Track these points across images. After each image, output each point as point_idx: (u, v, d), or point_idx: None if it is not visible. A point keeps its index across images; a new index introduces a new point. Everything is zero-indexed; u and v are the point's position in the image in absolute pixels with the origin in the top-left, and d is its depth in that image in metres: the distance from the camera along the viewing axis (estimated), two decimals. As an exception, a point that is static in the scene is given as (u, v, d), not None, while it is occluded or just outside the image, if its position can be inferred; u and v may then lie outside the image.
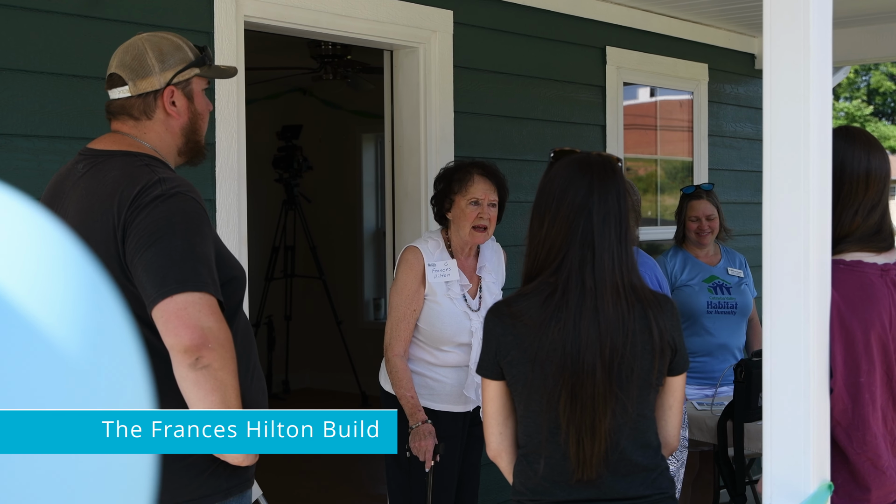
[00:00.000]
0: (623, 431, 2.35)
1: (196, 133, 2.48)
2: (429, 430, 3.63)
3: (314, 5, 4.15)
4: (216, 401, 2.12)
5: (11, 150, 3.29)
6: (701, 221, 4.87)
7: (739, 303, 4.88)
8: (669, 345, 2.38)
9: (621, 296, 2.34)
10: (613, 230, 2.36)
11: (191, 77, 2.43)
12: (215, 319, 2.14)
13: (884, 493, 2.35)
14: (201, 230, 2.23)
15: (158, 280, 2.12)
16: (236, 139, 3.87)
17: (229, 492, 2.33)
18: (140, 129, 2.40)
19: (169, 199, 2.21)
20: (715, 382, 4.73)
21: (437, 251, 3.75)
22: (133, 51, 2.40)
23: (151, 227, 2.17)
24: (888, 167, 2.43)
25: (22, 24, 3.32)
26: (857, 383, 2.29)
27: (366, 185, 9.35)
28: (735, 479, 4.05)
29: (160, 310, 2.11)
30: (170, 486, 2.26)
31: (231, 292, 2.35)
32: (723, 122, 6.66)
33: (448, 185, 3.74)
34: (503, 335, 2.38)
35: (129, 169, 2.29)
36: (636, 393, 2.34)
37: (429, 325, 3.72)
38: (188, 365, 2.10)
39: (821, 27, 1.99)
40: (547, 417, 2.35)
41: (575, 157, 2.47)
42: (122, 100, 2.40)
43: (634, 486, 2.38)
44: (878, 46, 6.64)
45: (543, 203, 2.41)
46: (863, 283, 2.32)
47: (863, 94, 35.56)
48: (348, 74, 7.51)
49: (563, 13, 5.32)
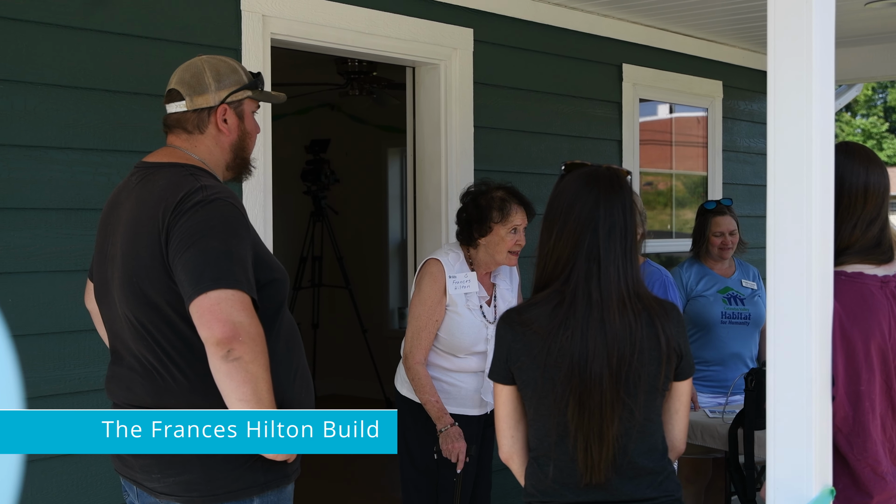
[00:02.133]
0: (630, 436, 2.35)
1: (244, 150, 2.57)
2: (458, 433, 3.65)
3: (339, 23, 4.17)
4: (247, 392, 2.17)
5: (46, 161, 3.33)
6: (725, 237, 4.87)
7: (752, 314, 4.87)
8: (676, 351, 2.38)
9: (627, 306, 2.34)
10: (619, 243, 2.36)
11: (243, 98, 2.53)
12: (247, 315, 2.20)
13: (884, 498, 2.33)
14: (238, 233, 2.29)
15: (195, 278, 2.20)
16: (263, 153, 3.90)
17: (266, 486, 2.37)
18: (192, 142, 2.50)
19: (209, 205, 2.29)
20: (727, 391, 4.71)
21: (457, 263, 3.77)
22: (192, 69, 2.50)
23: (192, 230, 2.25)
24: (887, 182, 2.42)
25: (58, 41, 3.36)
26: (857, 391, 2.28)
27: (391, 198, 9.37)
28: (746, 486, 4.03)
29: (196, 305, 2.19)
30: (208, 478, 2.31)
31: (272, 293, 2.41)
32: (737, 138, 6.64)
33: (487, 212, 3.72)
34: (513, 342, 2.39)
35: (175, 178, 2.37)
36: (643, 399, 2.34)
37: (448, 334, 3.74)
38: (220, 357, 2.16)
39: (823, 48, 1.98)
40: (556, 422, 2.36)
41: (584, 170, 2.47)
42: (179, 114, 2.50)
43: (641, 488, 2.37)
44: (891, 64, 6.61)
45: (552, 215, 2.42)
46: (863, 294, 2.31)
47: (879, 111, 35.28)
48: (374, 90, 7.53)
49: (580, 31, 5.32)
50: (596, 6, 5.26)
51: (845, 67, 6.48)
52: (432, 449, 3.71)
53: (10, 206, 3.27)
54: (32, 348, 2.90)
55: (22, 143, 3.29)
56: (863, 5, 5.35)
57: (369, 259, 9.42)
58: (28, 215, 3.30)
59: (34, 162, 3.31)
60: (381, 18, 4.33)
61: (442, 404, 3.69)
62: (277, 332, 2.41)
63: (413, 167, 4.85)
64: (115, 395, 2.47)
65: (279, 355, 2.38)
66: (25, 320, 2.70)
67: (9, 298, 3.12)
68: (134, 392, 2.39)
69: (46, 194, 3.30)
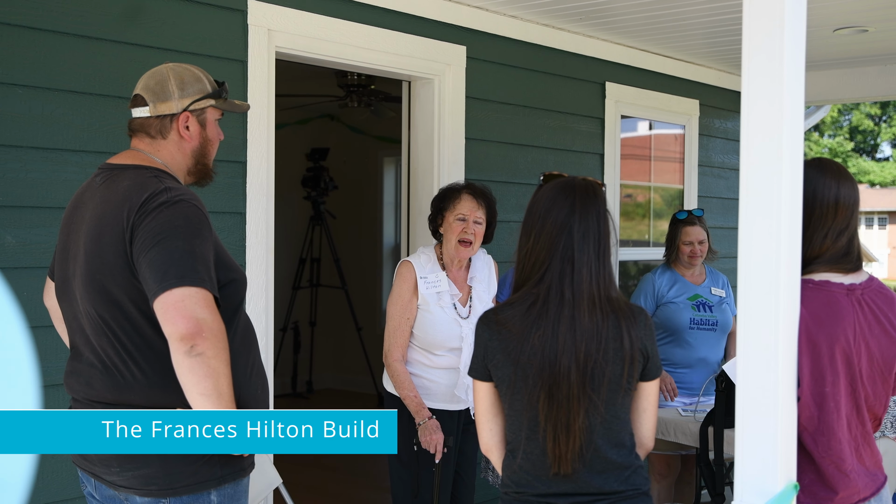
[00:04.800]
0: (596, 430, 2.35)
1: (205, 157, 2.52)
2: (436, 425, 3.66)
3: (340, 38, 4.18)
4: (209, 386, 2.13)
5: (62, 163, 3.33)
6: (694, 245, 4.86)
7: (720, 320, 4.87)
8: (641, 352, 2.38)
9: (597, 306, 2.35)
10: (592, 247, 2.38)
11: (206, 107, 2.48)
12: (210, 312, 2.17)
13: (848, 494, 2.34)
14: (201, 233, 2.25)
15: (160, 276, 2.16)
16: (266, 159, 3.90)
17: (223, 479, 2.32)
18: (155, 146, 2.45)
19: (173, 206, 2.25)
20: (693, 392, 4.72)
21: (428, 265, 3.80)
22: (157, 76, 2.47)
23: (156, 230, 2.21)
24: (856, 196, 2.44)
25: (75, 50, 3.36)
26: (822, 392, 2.28)
27: (386, 204, 9.38)
28: (715, 481, 4.04)
29: (160, 302, 2.15)
30: (166, 472, 2.26)
31: (231, 293, 2.37)
32: (712, 154, 6.66)
33: (441, 202, 3.82)
34: (490, 340, 2.41)
35: (140, 179, 2.33)
36: (607, 395, 2.34)
37: (422, 331, 3.76)
38: (184, 352, 2.12)
39: (794, 70, 1.99)
40: (528, 416, 2.37)
41: (561, 180, 2.50)
42: (142, 119, 2.46)
43: (609, 481, 2.37)
44: (856, 87, 6.64)
45: (530, 220, 2.45)
46: (829, 301, 2.32)
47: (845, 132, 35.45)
48: (372, 103, 7.54)
49: (566, 50, 5.33)
50: (582, 27, 5.27)
51: (814, 90, 6.51)
52: (412, 441, 3.71)
53: (28, 205, 3.26)
54: (47, 339, 2.89)
55: (39, 145, 3.29)
56: (831, 31, 5.37)
57: (364, 261, 9.42)
58: (44, 213, 3.29)
59: (51, 163, 3.31)
60: (379, 35, 4.34)
61: (420, 399, 3.71)
62: (235, 330, 2.37)
63: (407, 175, 4.85)
64: (75, 390, 2.40)
65: (236, 352, 2.33)
66: (41, 313, 2.69)
67: (24, 292, 3.11)
68: (93, 387, 2.33)
69: (62, 194, 3.29)
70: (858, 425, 2.37)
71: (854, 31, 5.34)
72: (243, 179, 3.84)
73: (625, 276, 6.08)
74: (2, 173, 3.21)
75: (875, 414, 2.42)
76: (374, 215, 9.39)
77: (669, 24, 5.21)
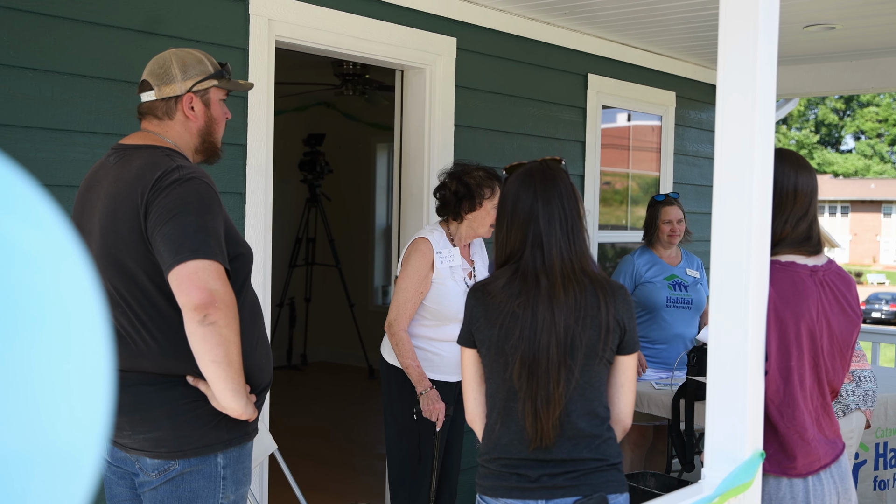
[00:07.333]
0: (571, 397, 2.33)
1: (211, 135, 2.51)
2: (437, 395, 3.66)
3: (337, 28, 4.15)
4: (220, 354, 2.14)
5: (70, 143, 3.30)
6: (673, 224, 4.89)
7: (694, 299, 4.90)
8: (619, 323, 2.37)
9: (572, 280, 2.36)
10: (559, 228, 2.39)
11: (209, 87, 2.47)
12: (222, 283, 2.16)
13: (808, 461, 2.36)
14: (212, 209, 2.24)
15: (174, 249, 2.15)
16: (265, 142, 3.88)
17: (230, 443, 2.34)
18: (163, 127, 2.45)
19: (185, 183, 2.24)
20: (668, 367, 4.74)
21: (441, 240, 3.78)
22: (161, 61, 2.46)
23: (170, 206, 2.20)
24: (814, 184, 2.46)
25: (84, 35, 3.33)
26: (788, 367, 2.30)
27: (378, 188, 9.36)
28: (686, 450, 4.06)
29: (175, 274, 2.14)
30: (176, 435, 2.27)
31: (239, 266, 2.37)
32: (687, 143, 6.66)
33: (478, 190, 3.74)
34: (475, 307, 2.42)
35: (152, 158, 2.32)
36: (583, 361, 2.33)
37: (437, 303, 3.73)
38: (197, 321, 2.12)
39: (766, 64, 1.99)
40: (505, 387, 2.37)
41: (521, 170, 2.50)
42: (149, 102, 2.46)
43: (578, 449, 2.34)
44: (823, 82, 6.65)
45: (501, 216, 2.48)
46: (795, 281, 2.34)
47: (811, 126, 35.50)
48: (366, 91, 7.51)
49: (551, 43, 5.32)
50: (566, 21, 5.26)
51: (783, 84, 6.51)
52: (412, 410, 3.71)
53: (38, 184, 3.24)
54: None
55: (49, 126, 3.26)
56: (801, 28, 5.37)
57: (357, 241, 9.42)
58: (53, 192, 3.27)
59: (59, 144, 3.29)
60: (374, 26, 4.31)
61: (422, 369, 3.68)
62: (243, 302, 2.37)
63: (399, 160, 4.84)
64: None
65: (244, 323, 2.33)
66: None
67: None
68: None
69: (70, 173, 3.27)
70: (819, 397, 2.39)
71: (822, 28, 5.34)
72: (244, 161, 3.82)
73: (603, 258, 6.09)
74: (13, 153, 3.18)
75: (833, 387, 2.44)
76: (367, 198, 9.38)
77: (649, 20, 5.21)
